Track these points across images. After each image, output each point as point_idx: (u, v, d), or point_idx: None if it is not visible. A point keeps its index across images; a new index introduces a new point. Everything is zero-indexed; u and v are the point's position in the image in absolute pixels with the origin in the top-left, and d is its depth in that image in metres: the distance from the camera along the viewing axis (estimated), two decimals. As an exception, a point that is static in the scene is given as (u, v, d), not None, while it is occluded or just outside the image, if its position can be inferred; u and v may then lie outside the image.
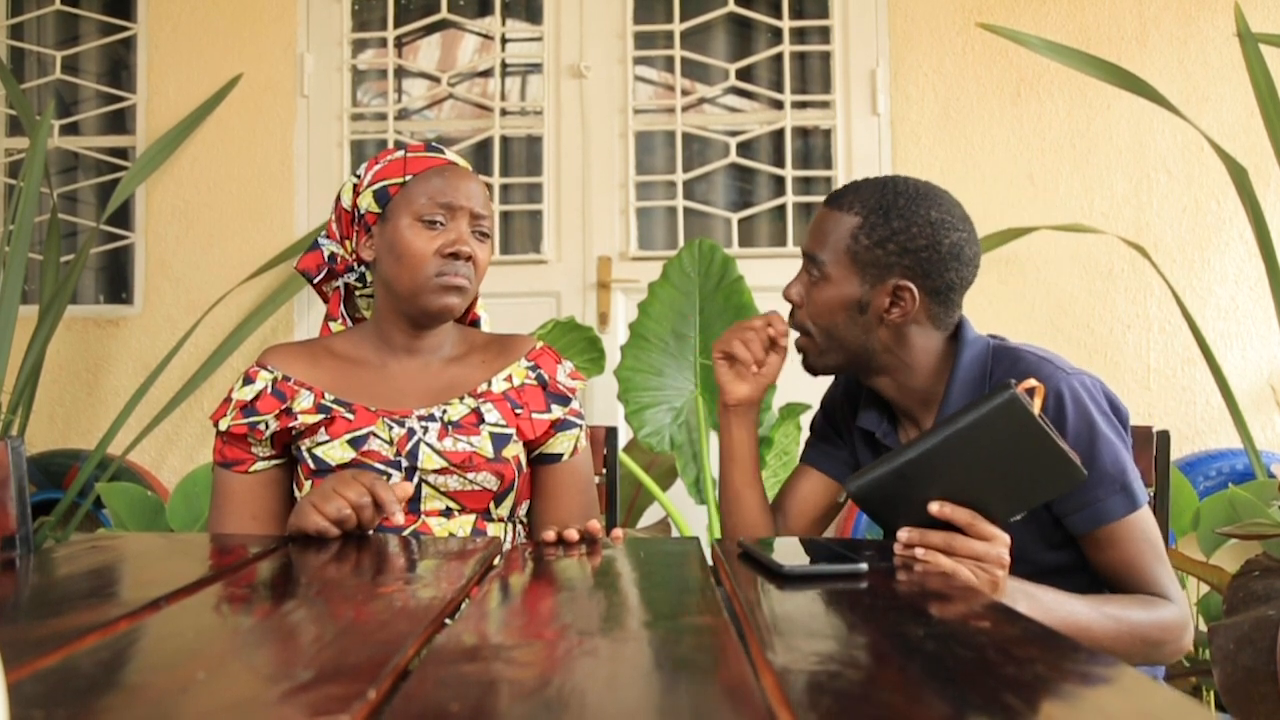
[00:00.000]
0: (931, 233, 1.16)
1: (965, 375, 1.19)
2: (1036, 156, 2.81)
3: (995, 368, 1.19)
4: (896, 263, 1.16)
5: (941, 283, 1.17)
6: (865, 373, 1.24)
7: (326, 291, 1.38)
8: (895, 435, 1.27)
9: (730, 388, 1.31)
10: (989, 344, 1.22)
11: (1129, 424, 1.18)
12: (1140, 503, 1.12)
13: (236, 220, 2.94)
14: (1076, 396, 1.12)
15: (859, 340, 1.20)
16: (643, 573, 0.91)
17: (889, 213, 1.16)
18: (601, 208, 2.92)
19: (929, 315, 1.19)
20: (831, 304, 1.20)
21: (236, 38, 2.95)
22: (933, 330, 1.21)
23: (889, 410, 1.28)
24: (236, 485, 1.24)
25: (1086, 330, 2.79)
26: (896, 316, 1.18)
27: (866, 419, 1.29)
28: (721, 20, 2.98)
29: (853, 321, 1.19)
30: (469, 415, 1.23)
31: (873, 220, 1.17)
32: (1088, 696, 0.52)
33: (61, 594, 0.78)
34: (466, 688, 0.50)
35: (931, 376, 1.22)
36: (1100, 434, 1.11)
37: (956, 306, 1.21)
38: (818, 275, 1.20)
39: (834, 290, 1.19)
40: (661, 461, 2.49)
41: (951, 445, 0.95)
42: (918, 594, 0.81)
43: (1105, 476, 1.11)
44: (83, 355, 2.94)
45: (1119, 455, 1.12)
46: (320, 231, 1.37)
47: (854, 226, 1.18)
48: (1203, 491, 2.43)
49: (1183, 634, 1.10)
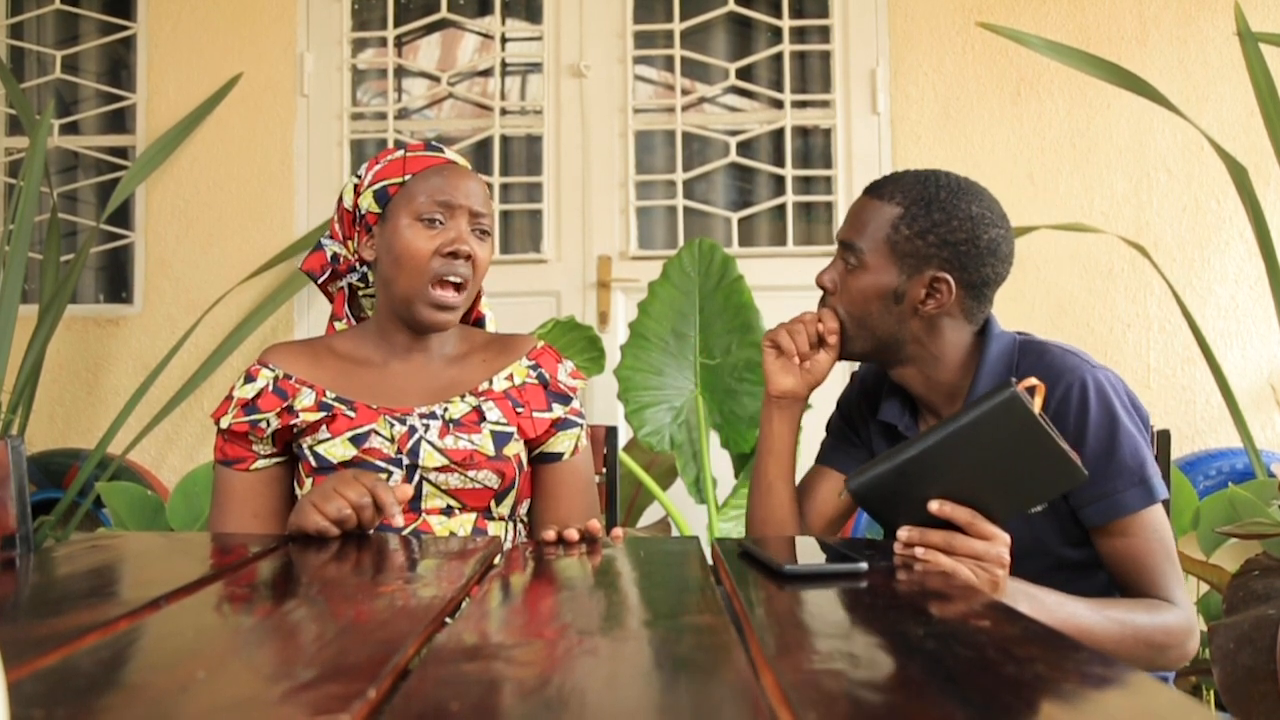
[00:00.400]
0: (972, 227, 1.17)
1: (991, 369, 1.19)
2: (1036, 156, 2.81)
3: (1022, 361, 1.19)
4: (935, 255, 1.17)
5: (978, 277, 1.18)
6: (891, 363, 1.24)
7: (331, 291, 1.39)
8: (916, 428, 1.27)
9: (776, 379, 1.30)
10: (1015, 339, 1.23)
11: (1149, 424, 1.18)
12: (1158, 497, 1.12)
13: (236, 220, 2.94)
14: (1100, 389, 1.13)
15: (890, 329, 1.21)
16: (643, 572, 0.91)
17: (931, 205, 1.17)
18: (601, 207, 2.92)
19: (962, 309, 1.20)
20: (867, 292, 1.20)
21: (236, 37, 2.95)
22: (964, 324, 1.21)
23: (911, 403, 1.29)
24: (237, 483, 1.24)
25: (1086, 329, 2.79)
26: (931, 308, 1.19)
27: (888, 411, 1.29)
28: (721, 19, 2.98)
29: (887, 310, 1.20)
30: (470, 413, 1.23)
31: (914, 211, 1.18)
32: (1088, 696, 0.52)
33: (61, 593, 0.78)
34: (467, 687, 0.50)
35: (958, 370, 1.22)
36: (1122, 426, 1.12)
37: (989, 302, 1.22)
38: (855, 263, 1.21)
39: (870, 279, 1.20)
40: (661, 461, 2.49)
41: (952, 444, 0.94)
42: (918, 593, 0.81)
43: (1125, 469, 1.11)
44: (83, 355, 2.94)
45: (1139, 449, 1.12)
46: (323, 232, 1.38)
47: (895, 216, 1.18)
48: (1203, 491, 2.43)
49: (1187, 639, 1.09)
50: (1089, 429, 1.11)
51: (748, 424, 2.17)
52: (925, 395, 1.25)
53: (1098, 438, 1.11)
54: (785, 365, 1.30)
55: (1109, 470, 1.10)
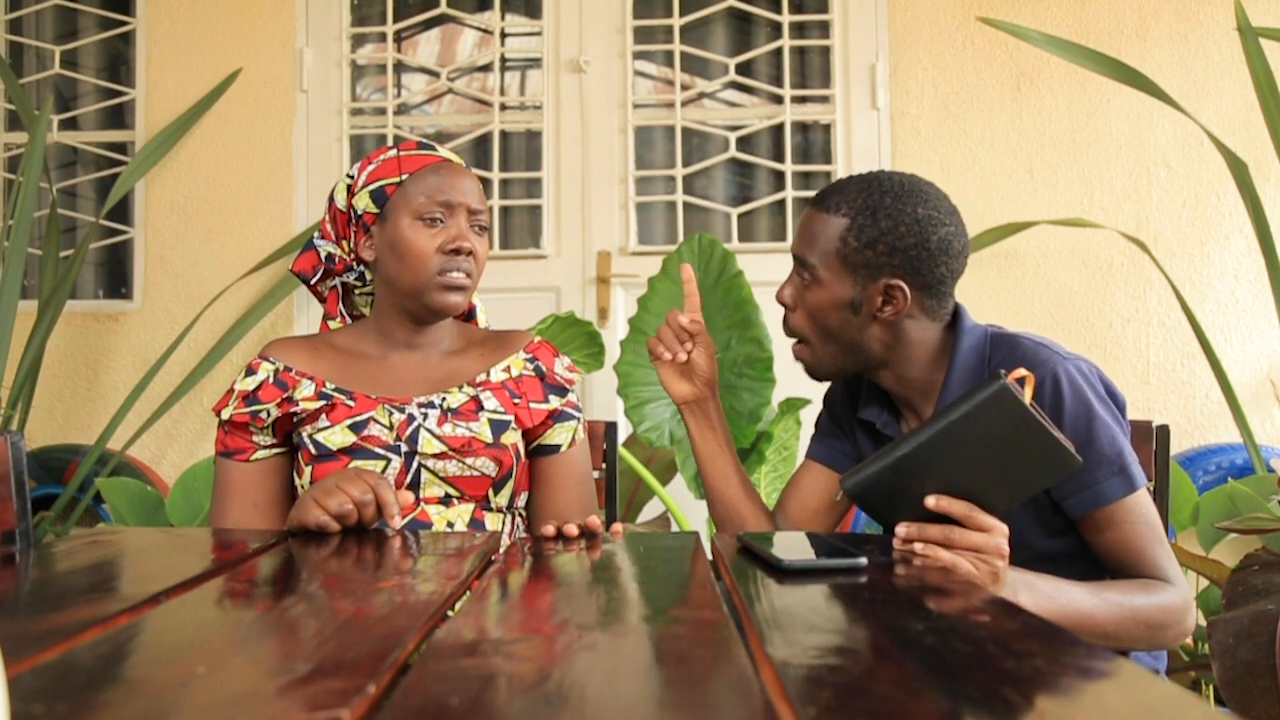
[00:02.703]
0: (920, 230, 1.16)
1: (964, 362, 1.20)
2: (1036, 151, 2.81)
3: (994, 354, 1.20)
4: (886, 262, 1.17)
5: (932, 278, 1.18)
6: (865, 369, 1.25)
7: (322, 292, 1.39)
8: (897, 426, 1.28)
9: (670, 387, 1.34)
10: (987, 331, 1.23)
11: (1125, 410, 1.19)
12: (1138, 485, 1.13)
13: (236, 215, 2.93)
14: (1073, 380, 1.13)
15: (854, 339, 1.21)
16: (642, 567, 0.91)
17: (876, 213, 1.16)
18: (601, 203, 2.92)
19: (922, 308, 1.20)
20: (825, 306, 1.20)
21: (235, 32, 2.95)
22: (928, 322, 1.21)
23: (890, 402, 1.29)
24: (238, 474, 1.25)
25: (1086, 325, 2.79)
26: (889, 314, 1.19)
27: (868, 412, 1.30)
28: (721, 15, 2.97)
29: (846, 322, 1.20)
30: (468, 403, 1.25)
31: (861, 221, 1.17)
32: (1087, 690, 0.52)
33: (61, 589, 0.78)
34: (466, 682, 0.50)
35: (930, 366, 1.23)
36: (1097, 417, 1.12)
37: (949, 297, 1.22)
38: (809, 279, 1.21)
39: (826, 293, 1.20)
40: (661, 456, 2.49)
41: (945, 438, 0.95)
42: (917, 588, 0.81)
43: (1103, 459, 1.12)
44: (82, 350, 2.94)
45: (1116, 438, 1.13)
46: (314, 231, 1.38)
47: (842, 229, 1.18)
48: (1202, 486, 2.44)
49: (1185, 616, 1.10)
50: (1064, 421, 1.12)
51: (747, 419, 2.17)
52: (901, 394, 1.26)
53: (1074, 429, 1.11)
54: (671, 371, 1.33)
55: (1088, 461, 1.10)
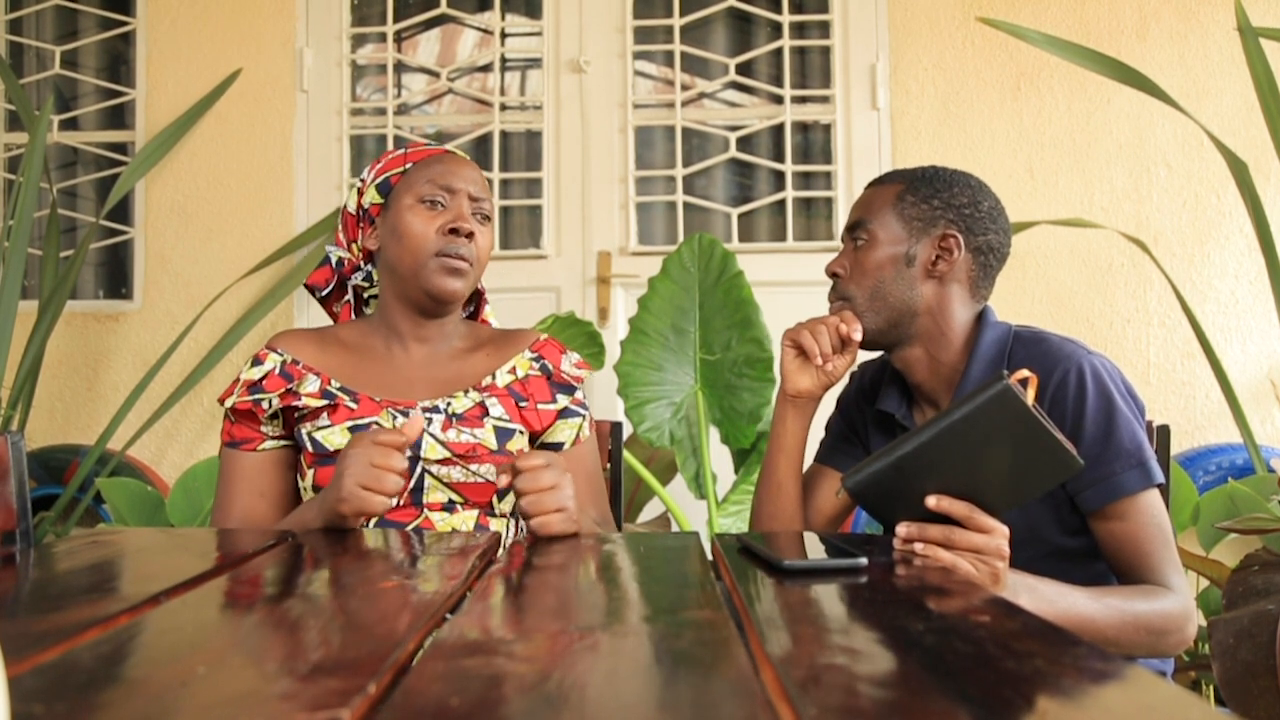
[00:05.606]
0: (972, 194, 1.24)
1: (986, 353, 1.21)
2: (1036, 151, 2.81)
3: (1017, 349, 1.21)
4: (941, 215, 1.23)
5: (983, 241, 1.23)
6: (901, 340, 1.26)
7: (336, 311, 1.40)
8: (912, 418, 1.29)
9: (793, 378, 1.30)
10: (1010, 328, 1.25)
11: (1144, 413, 1.20)
12: (1155, 480, 1.13)
13: (236, 215, 2.93)
14: (1097, 374, 1.14)
15: (903, 297, 1.24)
16: (643, 567, 0.91)
17: (932, 179, 1.25)
18: (601, 203, 2.92)
19: (969, 277, 1.24)
20: (880, 261, 1.24)
21: (235, 32, 2.95)
22: (969, 300, 1.25)
23: (909, 394, 1.31)
24: (244, 463, 1.24)
25: (1086, 325, 2.79)
26: (942, 269, 1.23)
27: (886, 401, 1.31)
28: (721, 15, 2.97)
29: (899, 276, 1.24)
30: (473, 408, 1.24)
31: (916, 184, 1.25)
32: (1087, 690, 0.52)
33: (61, 589, 0.78)
34: (467, 682, 0.50)
35: (958, 351, 1.24)
36: (1119, 410, 1.13)
37: (992, 281, 1.26)
38: (864, 240, 1.26)
39: (881, 250, 1.24)
40: (661, 456, 2.49)
41: (946, 438, 0.94)
42: (917, 589, 0.81)
43: (1123, 451, 1.12)
44: (82, 350, 2.94)
45: (1136, 432, 1.14)
46: (323, 229, 1.39)
47: (899, 190, 1.26)
48: (1202, 486, 2.43)
49: (1186, 624, 1.10)
50: (1086, 413, 1.12)
51: (747, 419, 2.17)
52: (925, 380, 1.27)
53: (1095, 422, 1.12)
54: (804, 365, 1.30)
55: (1107, 453, 1.11)
